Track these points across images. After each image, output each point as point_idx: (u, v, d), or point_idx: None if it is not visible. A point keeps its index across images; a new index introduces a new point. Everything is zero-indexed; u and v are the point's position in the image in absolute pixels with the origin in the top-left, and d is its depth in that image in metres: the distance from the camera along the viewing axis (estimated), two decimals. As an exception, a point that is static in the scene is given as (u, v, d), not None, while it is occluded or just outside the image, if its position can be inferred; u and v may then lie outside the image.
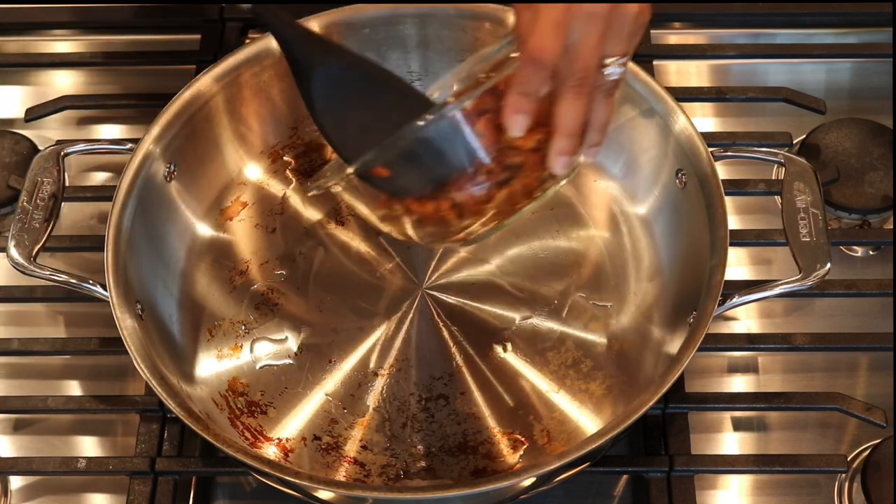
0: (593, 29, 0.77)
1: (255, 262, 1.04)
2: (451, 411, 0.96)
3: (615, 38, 0.78)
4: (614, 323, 0.99)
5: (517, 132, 0.80)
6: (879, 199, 1.07)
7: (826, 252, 0.92)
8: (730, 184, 1.03)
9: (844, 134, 1.10)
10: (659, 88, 0.98)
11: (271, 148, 1.07)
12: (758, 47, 1.20)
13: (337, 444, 0.95)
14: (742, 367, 1.02)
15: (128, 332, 0.89)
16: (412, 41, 1.05)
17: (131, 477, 0.95)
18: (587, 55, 0.78)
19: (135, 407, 0.98)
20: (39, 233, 0.94)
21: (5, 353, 1.02)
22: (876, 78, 1.18)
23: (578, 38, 0.77)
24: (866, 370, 1.03)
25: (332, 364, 0.99)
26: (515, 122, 0.79)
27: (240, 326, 1.00)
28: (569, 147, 0.80)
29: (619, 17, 0.78)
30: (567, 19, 0.77)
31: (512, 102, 0.79)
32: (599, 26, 0.77)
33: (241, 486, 0.99)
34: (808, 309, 1.05)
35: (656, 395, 0.85)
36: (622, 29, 0.78)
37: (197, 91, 1.01)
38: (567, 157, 0.81)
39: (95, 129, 1.18)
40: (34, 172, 0.98)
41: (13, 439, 1.01)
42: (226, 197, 1.05)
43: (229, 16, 1.19)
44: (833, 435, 0.99)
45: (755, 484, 0.97)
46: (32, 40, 1.24)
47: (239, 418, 0.96)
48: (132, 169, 0.97)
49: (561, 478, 0.91)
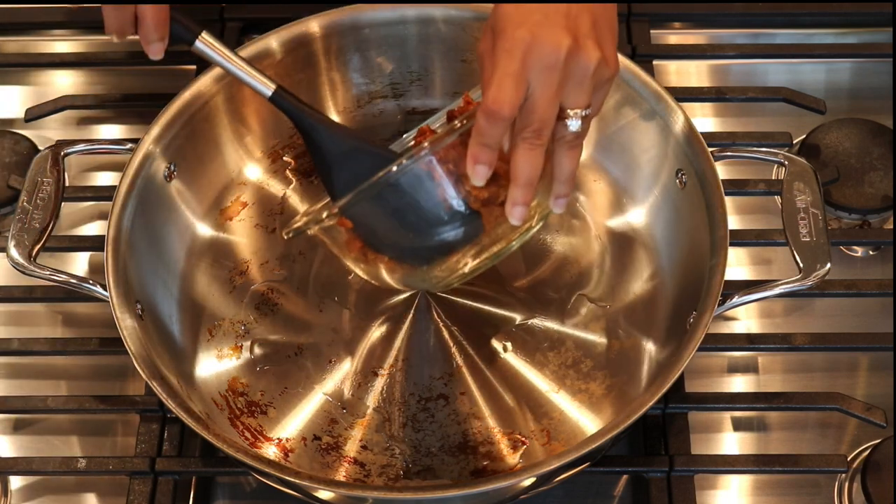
0: (549, 80, 0.78)
1: (255, 262, 1.04)
2: (451, 411, 0.96)
3: (574, 89, 0.79)
4: (614, 323, 0.99)
5: (478, 182, 0.81)
6: (879, 199, 1.07)
7: (826, 252, 0.92)
8: (730, 184, 1.04)
9: (844, 134, 1.10)
10: (659, 88, 0.98)
11: (271, 148, 1.07)
12: (758, 47, 1.20)
13: (337, 444, 0.95)
14: (742, 367, 1.02)
15: (128, 332, 0.89)
16: (412, 41, 1.05)
17: (131, 477, 0.95)
18: (543, 107, 0.78)
19: (135, 407, 0.98)
20: (39, 233, 0.94)
21: (5, 353, 1.02)
22: (876, 78, 1.18)
23: (535, 89, 0.78)
24: (866, 370, 1.03)
25: (332, 364, 0.99)
26: (476, 172, 0.80)
27: (240, 326, 1.00)
28: (523, 197, 0.81)
29: (577, 69, 0.78)
30: (524, 71, 0.78)
31: (472, 153, 0.80)
32: (556, 78, 0.78)
33: (241, 486, 0.99)
34: (808, 309, 1.05)
35: (656, 395, 0.85)
36: (582, 81, 0.79)
37: (197, 91, 1.01)
38: (522, 208, 0.81)
39: (95, 129, 1.18)
40: (34, 172, 0.98)
41: (13, 439, 1.01)
42: (226, 197, 1.05)
43: (229, 16, 1.19)
44: (833, 435, 0.99)
45: (755, 484, 0.97)
46: (32, 40, 1.24)
47: (239, 418, 0.96)
48: (132, 169, 0.97)
49: (561, 478, 0.91)
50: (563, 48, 0.77)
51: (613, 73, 0.81)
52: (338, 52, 1.05)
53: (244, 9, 1.19)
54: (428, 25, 1.04)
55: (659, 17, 1.20)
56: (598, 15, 0.80)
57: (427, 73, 1.07)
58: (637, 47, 1.15)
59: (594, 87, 0.80)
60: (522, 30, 0.78)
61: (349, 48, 1.05)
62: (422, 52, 1.06)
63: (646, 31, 1.18)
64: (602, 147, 1.04)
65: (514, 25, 0.78)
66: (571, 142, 0.81)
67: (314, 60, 1.05)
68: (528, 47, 0.77)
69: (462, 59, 1.05)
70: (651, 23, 1.19)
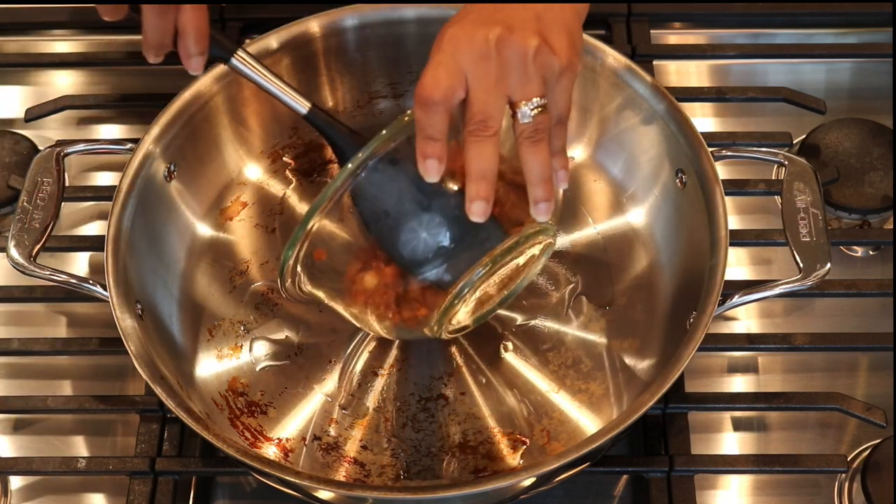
0: (485, 70, 0.78)
1: (255, 262, 1.04)
2: (451, 411, 0.96)
3: (518, 78, 0.78)
4: (614, 323, 0.99)
5: (431, 178, 0.79)
6: (879, 199, 1.07)
7: (826, 252, 0.92)
8: (730, 184, 1.04)
9: (844, 134, 1.10)
10: (659, 88, 0.98)
11: (271, 148, 1.07)
12: (758, 47, 1.20)
13: (337, 444, 0.95)
14: (742, 367, 1.02)
15: (128, 332, 0.89)
16: (412, 41, 1.05)
17: (131, 477, 0.95)
18: (483, 98, 0.78)
19: (135, 407, 0.98)
20: (39, 233, 0.94)
21: (5, 353, 1.02)
22: (876, 78, 1.18)
23: (472, 81, 0.78)
24: (866, 370, 1.03)
25: (332, 364, 0.99)
26: (426, 167, 0.79)
27: (240, 326, 1.00)
28: (480, 192, 0.78)
29: (512, 56, 0.78)
30: (455, 62, 0.77)
31: (419, 148, 0.79)
32: (492, 67, 0.77)
33: (241, 486, 0.99)
34: (808, 309, 1.05)
35: (656, 395, 0.85)
36: (523, 69, 0.78)
37: (197, 91, 1.01)
38: (481, 202, 0.79)
39: (95, 129, 1.18)
40: (34, 172, 0.98)
41: (13, 439, 1.01)
42: (226, 197, 1.05)
43: (229, 16, 1.19)
44: (833, 435, 0.99)
45: (755, 484, 0.97)
46: (32, 40, 1.24)
47: (239, 418, 0.96)
48: (132, 169, 0.97)
49: (561, 478, 0.91)
50: (492, 36, 0.77)
51: (564, 65, 0.79)
52: (338, 52, 1.05)
53: (244, 9, 1.19)
54: (428, 25, 1.04)
55: (659, 17, 1.20)
56: (541, 12, 0.79)
57: (427, 73, 1.07)
58: (637, 47, 1.15)
59: (542, 77, 0.79)
60: (455, 27, 0.79)
61: (349, 48, 1.05)
62: (422, 52, 1.05)
63: (646, 31, 1.18)
64: (602, 147, 1.04)
65: (448, 26, 0.79)
66: (531, 137, 0.79)
67: (314, 60, 1.05)
68: (458, 40, 0.78)
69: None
70: (651, 23, 1.19)
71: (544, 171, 0.80)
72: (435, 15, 1.03)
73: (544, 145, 0.80)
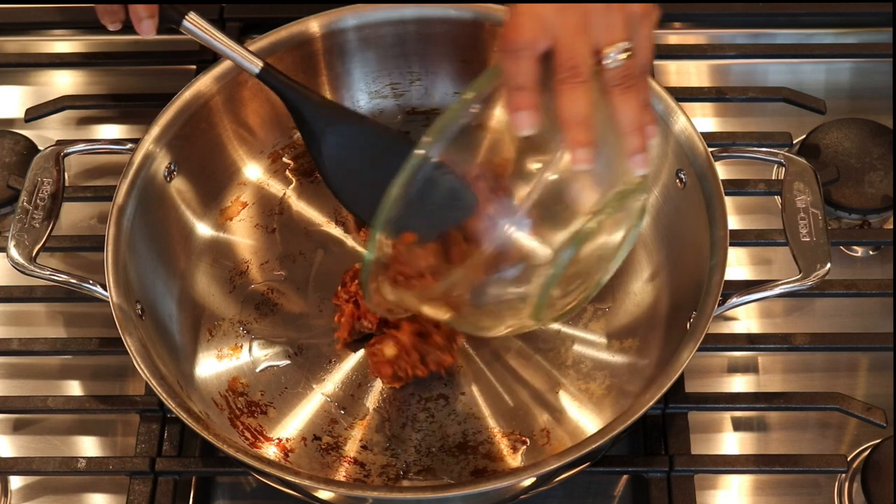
0: (568, 18, 0.77)
1: (255, 262, 1.04)
2: (451, 411, 0.96)
3: (601, 23, 0.77)
4: (614, 323, 0.99)
5: (526, 130, 0.78)
6: (879, 199, 1.07)
7: (826, 252, 0.92)
8: (730, 184, 1.04)
9: (844, 134, 1.10)
10: (659, 88, 0.98)
11: (271, 148, 1.07)
12: (758, 47, 1.20)
13: (337, 444, 0.95)
14: (742, 367, 1.02)
15: (128, 332, 0.89)
16: (412, 41, 1.05)
17: (131, 477, 0.95)
18: (569, 44, 0.77)
19: (135, 407, 0.98)
20: (39, 233, 0.94)
21: (5, 353, 1.02)
22: (876, 78, 1.18)
23: (557, 30, 0.77)
24: (866, 370, 1.03)
25: (332, 364, 0.99)
26: (520, 119, 0.78)
27: (240, 326, 1.00)
28: (581, 137, 0.77)
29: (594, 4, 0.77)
30: (534, 12, 0.76)
31: (509, 102, 0.78)
32: (574, 15, 0.77)
33: (241, 486, 0.99)
34: (808, 309, 1.05)
35: (656, 396, 0.85)
36: (606, 14, 0.77)
37: (197, 91, 1.01)
38: (585, 150, 0.77)
39: (95, 129, 1.18)
40: (34, 172, 0.98)
41: (13, 439, 1.01)
42: (226, 197, 1.05)
43: (229, 16, 1.19)
44: (833, 435, 0.99)
45: (755, 484, 0.97)
46: (32, 40, 1.24)
47: (239, 418, 0.96)
48: (132, 169, 0.97)
49: (561, 478, 0.91)
50: None
51: (645, 9, 0.79)
52: (338, 52, 1.05)
53: (244, 9, 1.19)
54: (428, 25, 1.04)
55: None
56: None
57: (427, 73, 1.07)
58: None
59: (625, 21, 0.78)
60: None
61: (349, 48, 1.05)
62: (422, 52, 1.06)
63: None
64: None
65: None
66: (622, 83, 0.78)
67: (314, 60, 1.05)
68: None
69: (462, 59, 1.05)
70: (651, 23, 1.18)
71: (638, 118, 0.79)
72: (435, 15, 1.03)
73: (635, 92, 0.78)
